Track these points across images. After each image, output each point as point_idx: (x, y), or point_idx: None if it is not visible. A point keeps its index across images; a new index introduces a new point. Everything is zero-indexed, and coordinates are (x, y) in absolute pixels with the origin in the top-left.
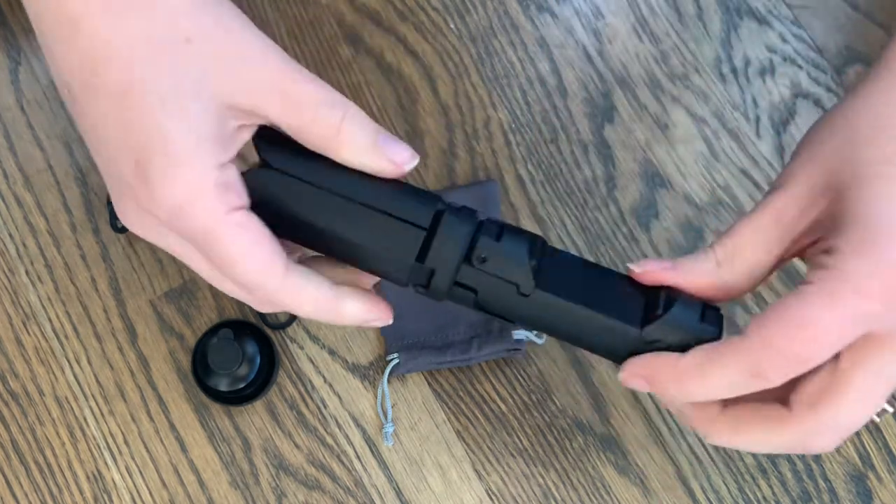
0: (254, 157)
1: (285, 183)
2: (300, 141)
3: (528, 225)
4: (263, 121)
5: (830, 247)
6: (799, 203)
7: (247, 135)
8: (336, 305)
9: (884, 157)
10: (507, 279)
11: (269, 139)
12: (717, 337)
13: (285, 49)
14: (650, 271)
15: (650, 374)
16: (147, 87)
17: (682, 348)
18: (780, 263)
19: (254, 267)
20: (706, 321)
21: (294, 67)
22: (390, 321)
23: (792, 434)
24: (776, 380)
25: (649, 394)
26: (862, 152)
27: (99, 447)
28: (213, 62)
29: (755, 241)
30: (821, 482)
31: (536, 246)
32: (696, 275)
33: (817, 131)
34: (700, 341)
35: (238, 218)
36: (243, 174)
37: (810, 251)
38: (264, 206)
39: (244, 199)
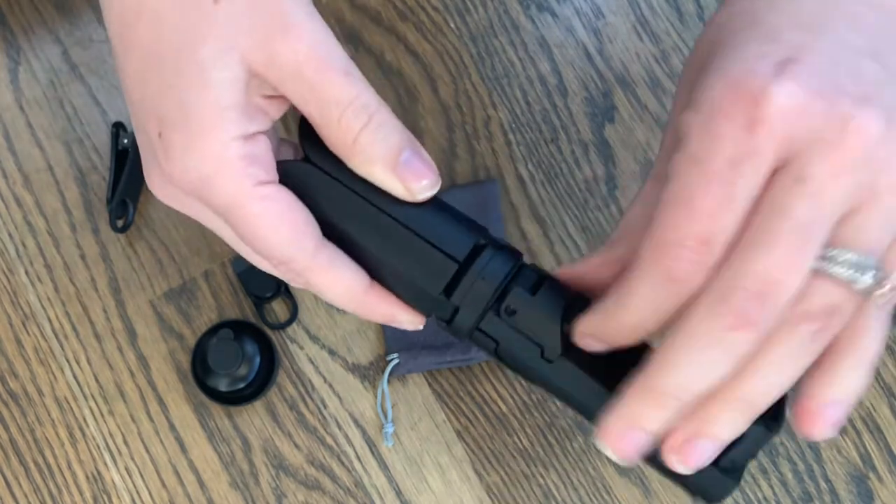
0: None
1: (321, 181)
2: (320, 135)
3: (529, 225)
4: (289, 102)
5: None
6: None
7: (281, 106)
8: (370, 295)
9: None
10: (532, 339)
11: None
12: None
13: None
14: None
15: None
16: (170, 48)
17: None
18: None
19: (281, 241)
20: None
21: (330, 52)
22: (422, 326)
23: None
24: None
25: None
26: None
27: (98, 447)
28: (244, 25)
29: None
30: (822, 483)
31: (574, 306)
32: None
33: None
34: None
35: (265, 191)
36: (279, 163)
37: None
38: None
39: (273, 174)
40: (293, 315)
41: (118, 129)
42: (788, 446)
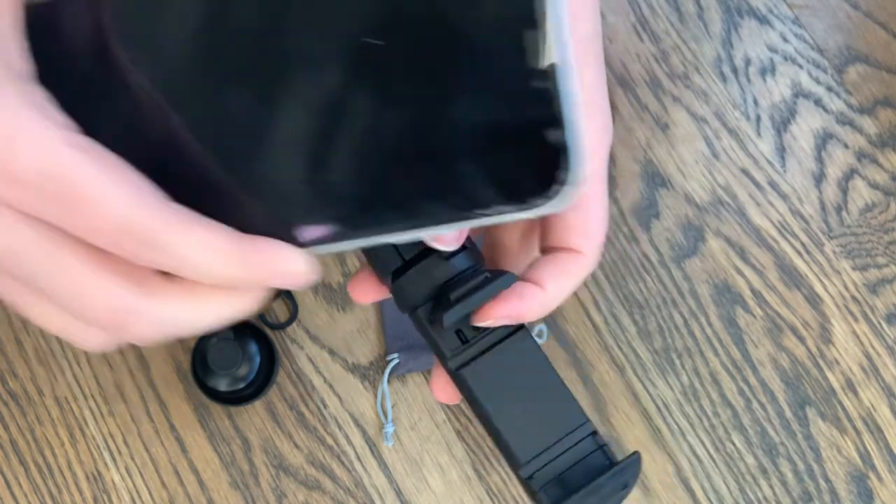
0: None
1: None
2: None
3: None
4: None
5: None
6: None
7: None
8: (245, 245)
9: None
10: (438, 345)
11: None
12: None
13: None
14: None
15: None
16: None
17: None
18: None
19: (120, 201)
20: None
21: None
22: (315, 276)
23: None
24: None
25: (651, 394)
26: None
27: (98, 447)
28: None
29: None
30: (821, 482)
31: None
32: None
33: None
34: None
35: (77, 141)
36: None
37: None
38: None
39: (69, 120)
40: (293, 315)
41: None
42: (788, 446)
